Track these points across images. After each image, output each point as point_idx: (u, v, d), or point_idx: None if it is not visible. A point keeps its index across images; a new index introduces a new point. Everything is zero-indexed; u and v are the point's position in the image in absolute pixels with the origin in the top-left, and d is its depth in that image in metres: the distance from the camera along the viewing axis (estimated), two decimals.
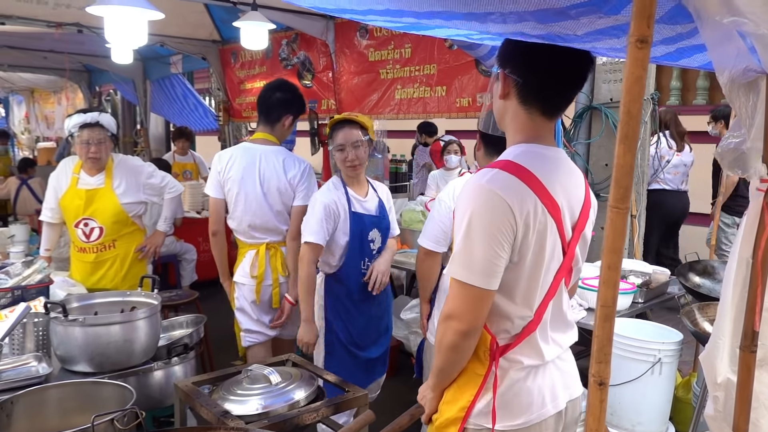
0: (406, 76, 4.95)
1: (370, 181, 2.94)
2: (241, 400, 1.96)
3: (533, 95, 1.46)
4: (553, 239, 1.44)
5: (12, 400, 1.75)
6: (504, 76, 1.49)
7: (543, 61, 1.45)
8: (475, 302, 1.39)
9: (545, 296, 1.48)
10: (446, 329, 1.43)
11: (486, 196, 1.37)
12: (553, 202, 1.42)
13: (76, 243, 3.35)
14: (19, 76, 9.99)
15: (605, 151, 4.08)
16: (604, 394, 0.79)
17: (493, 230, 1.35)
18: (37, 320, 2.32)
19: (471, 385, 1.47)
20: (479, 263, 1.37)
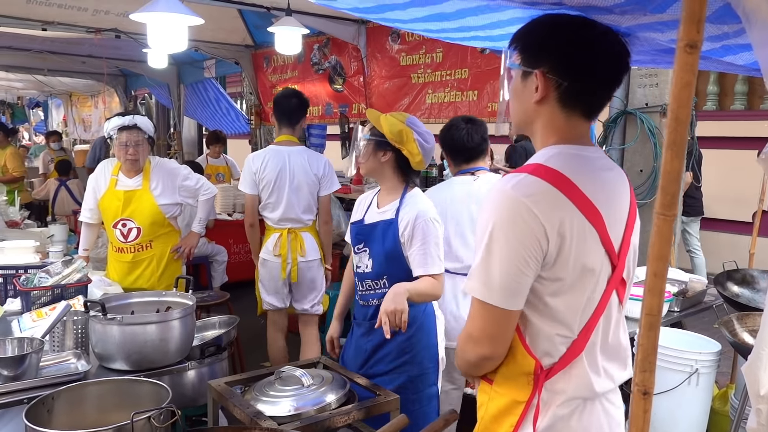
0: (437, 80, 4.95)
1: (407, 198, 2.37)
2: (273, 401, 1.98)
3: (577, 97, 1.29)
4: (596, 250, 1.28)
5: (53, 396, 1.79)
6: (543, 78, 1.28)
7: (589, 57, 1.27)
8: (496, 324, 1.27)
9: (593, 314, 1.31)
10: (468, 349, 1.33)
11: (510, 205, 1.22)
12: (593, 209, 1.27)
13: (114, 243, 3.43)
14: (59, 80, 10.28)
15: (640, 157, 4.02)
16: (648, 404, 0.77)
17: (516, 245, 1.21)
18: (77, 318, 2.37)
19: (511, 414, 1.33)
20: (500, 281, 1.23)
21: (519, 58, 1.33)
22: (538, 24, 1.33)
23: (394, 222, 2.32)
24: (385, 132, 2.29)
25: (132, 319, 2.22)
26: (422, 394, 2.37)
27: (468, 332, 1.31)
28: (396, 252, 2.31)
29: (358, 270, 2.44)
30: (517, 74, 1.35)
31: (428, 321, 2.43)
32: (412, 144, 2.29)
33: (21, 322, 2.49)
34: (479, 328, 1.29)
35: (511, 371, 1.32)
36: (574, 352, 1.29)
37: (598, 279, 1.29)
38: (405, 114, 2.38)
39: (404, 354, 2.37)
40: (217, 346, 2.48)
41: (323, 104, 6.14)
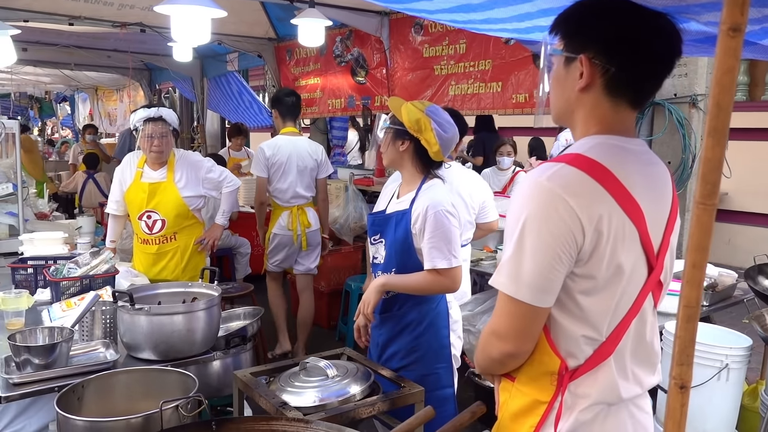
0: (460, 71, 4.90)
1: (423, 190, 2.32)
2: (298, 392, 1.99)
3: (625, 85, 1.21)
4: (634, 249, 1.21)
5: (83, 384, 1.82)
6: (588, 63, 1.19)
7: (639, 41, 1.18)
8: (524, 321, 1.21)
9: (624, 317, 1.24)
10: (491, 345, 1.28)
11: (546, 197, 1.15)
12: (634, 205, 1.19)
13: (139, 235, 3.47)
14: (85, 75, 10.42)
15: (668, 149, 3.95)
16: (685, 398, 0.75)
17: (550, 239, 1.15)
18: (105, 308, 2.41)
19: (532, 414, 1.28)
20: (530, 276, 1.17)
21: (561, 43, 1.25)
22: (582, 6, 1.24)
23: (407, 213, 2.27)
24: (404, 120, 2.25)
25: (159, 309, 2.24)
26: (433, 395, 2.28)
27: (493, 328, 1.27)
28: (406, 244, 2.27)
29: (374, 261, 2.43)
30: (559, 61, 1.27)
31: (439, 320, 2.38)
32: (430, 133, 2.23)
33: (51, 312, 2.54)
34: (506, 325, 1.24)
35: (535, 370, 1.28)
36: (601, 356, 1.24)
37: (630, 280, 1.22)
38: (427, 102, 2.33)
39: (413, 353, 2.35)
40: (242, 336, 2.50)
41: (345, 97, 6.13)
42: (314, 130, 7.59)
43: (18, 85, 12.36)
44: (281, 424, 1.47)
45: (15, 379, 2.03)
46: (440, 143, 2.26)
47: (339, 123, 7.62)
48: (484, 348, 1.32)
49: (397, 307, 2.36)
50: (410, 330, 2.33)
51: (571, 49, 1.23)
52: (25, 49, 7.15)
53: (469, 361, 3.88)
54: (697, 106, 3.87)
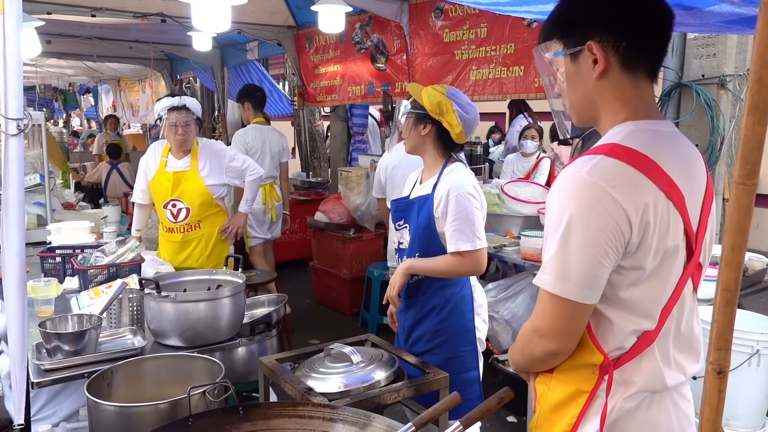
0: (481, 56, 4.84)
1: (445, 174, 2.32)
2: (323, 378, 1.99)
3: (640, 56, 1.21)
4: (678, 234, 1.19)
5: (112, 370, 1.85)
6: (599, 47, 1.19)
7: (639, 12, 1.21)
8: (569, 319, 1.20)
9: (667, 302, 1.23)
10: (533, 344, 1.27)
11: (589, 192, 1.13)
12: (676, 190, 1.17)
13: (164, 223, 3.51)
14: (107, 66, 10.53)
15: (695, 131, 3.86)
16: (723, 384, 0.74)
17: (597, 235, 1.13)
18: (132, 296, 2.44)
19: (573, 404, 1.26)
20: (577, 273, 1.15)
21: (560, 43, 1.26)
22: (563, 4, 1.27)
23: (430, 197, 2.28)
24: (425, 104, 2.26)
25: (185, 296, 2.26)
26: (458, 377, 2.31)
27: (535, 327, 1.25)
28: (429, 228, 2.28)
29: (400, 246, 2.44)
30: (565, 62, 1.26)
31: (463, 304, 2.39)
32: (452, 115, 2.24)
33: (79, 300, 2.58)
34: (550, 323, 1.22)
35: (576, 362, 1.26)
36: (645, 342, 1.22)
37: (674, 264, 1.20)
38: (447, 86, 2.34)
39: (437, 336, 2.36)
40: (267, 323, 2.51)
41: (366, 83, 6.10)
42: (334, 117, 7.57)
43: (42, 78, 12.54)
44: (307, 409, 1.47)
45: (46, 365, 2.07)
46: (462, 124, 2.27)
47: (359, 110, 7.58)
48: (524, 346, 1.30)
49: (422, 292, 2.37)
50: (435, 314, 2.35)
51: (574, 43, 1.23)
52: (49, 41, 7.24)
53: (493, 347, 3.87)
54: (725, 87, 3.78)
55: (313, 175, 8.23)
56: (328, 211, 5.49)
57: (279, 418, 1.45)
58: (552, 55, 1.28)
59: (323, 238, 5.60)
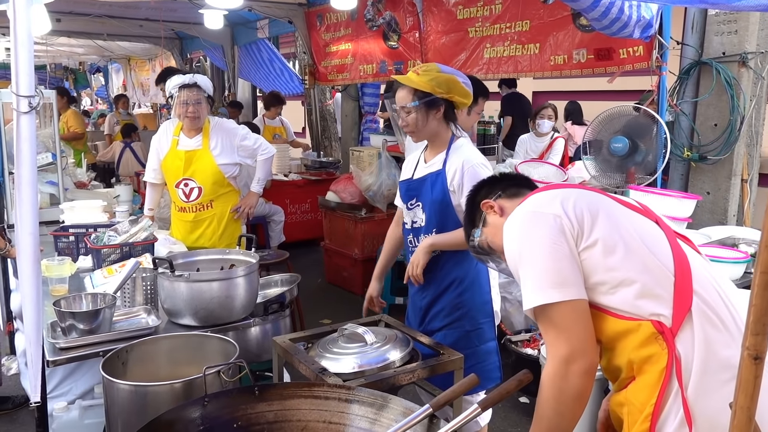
0: (495, 33, 4.75)
1: (453, 149, 2.37)
2: (337, 358, 1.98)
3: (515, 187, 1.67)
4: (611, 208, 1.39)
5: (127, 349, 1.85)
6: (490, 202, 1.65)
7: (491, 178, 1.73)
8: (574, 322, 1.28)
9: (675, 260, 1.31)
10: (566, 377, 1.27)
11: (522, 220, 1.38)
12: (580, 185, 1.49)
13: (176, 203, 3.50)
14: (118, 45, 10.48)
15: (714, 110, 3.79)
16: (759, 370, 0.71)
17: (543, 240, 1.32)
18: (145, 275, 2.44)
19: (650, 385, 1.28)
20: (547, 278, 1.30)
21: (476, 228, 1.68)
22: (467, 203, 1.75)
23: (441, 172, 2.32)
24: (431, 89, 2.26)
25: (198, 276, 2.26)
26: (478, 350, 2.39)
27: (558, 359, 1.29)
28: (445, 202, 2.32)
29: (414, 225, 2.46)
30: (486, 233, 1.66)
31: (480, 277, 2.43)
32: (459, 86, 2.29)
33: (93, 279, 2.59)
34: (566, 340, 1.28)
35: (637, 351, 1.29)
36: (683, 300, 1.27)
37: (631, 224, 1.35)
38: (430, 64, 2.36)
39: (457, 310, 2.39)
40: (280, 303, 2.51)
41: (377, 62, 6.02)
42: (345, 96, 7.51)
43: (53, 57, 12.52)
44: (323, 390, 1.46)
45: (61, 343, 2.07)
46: (468, 89, 2.33)
47: (370, 89, 7.51)
48: (559, 393, 1.29)
49: (440, 267, 2.37)
50: (453, 288, 2.38)
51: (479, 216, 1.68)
52: (59, 19, 7.19)
53: (506, 328, 3.85)
54: (747, 65, 3.69)
55: (324, 155, 8.19)
56: (339, 191, 5.46)
57: (295, 399, 1.44)
58: (477, 237, 1.66)
59: (334, 218, 5.59)
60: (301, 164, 7.54)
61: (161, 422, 1.30)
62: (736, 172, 3.82)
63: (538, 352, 3.43)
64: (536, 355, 3.43)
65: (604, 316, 1.32)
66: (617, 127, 3.66)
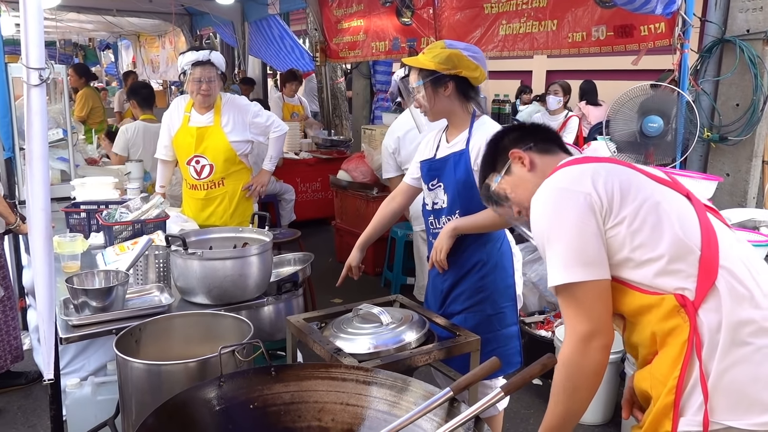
0: (512, 10, 4.65)
1: (475, 128, 2.30)
2: (352, 339, 1.95)
3: (547, 144, 1.62)
4: (636, 176, 1.38)
5: (140, 327, 1.83)
6: (519, 152, 1.58)
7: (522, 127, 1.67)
8: (595, 301, 1.30)
9: (702, 234, 1.30)
10: (586, 353, 1.31)
11: (553, 195, 1.37)
12: (615, 160, 1.43)
13: (188, 180, 3.46)
14: (127, 21, 10.38)
15: (737, 90, 3.69)
16: None
17: (571, 218, 1.31)
18: (158, 253, 2.42)
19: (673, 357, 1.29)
20: (574, 256, 1.31)
21: (496, 173, 1.63)
22: (490, 145, 1.68)
23: (465, 152, 2.26)
24: (435, 66, 2.21)
25: (212, 254, 2.23)
26: (499, 334, 2.34)
27: (578, 337, 1.31)
28: (468, 182, 2.25)
29: (435, 207, 2.39)
30: (506, 181, 1.61)
31: (504, 260, 2.38)
32: (466, 60, 2.21)
33: (105, 256, 2.57)
34: (587, 319, 1.30)
35: (660, 324, 1.30)
36: (707, 274, 1.27)
37: (661, 200, 1.33)
38: (437, 42, 2.30)
39: (479, 293, 2.34)
40: (294, 282, 2.48)
41: (390, 39, 5.92)
42: (356, 74, 7.41)
43: (63, 33, 12.44)
44: (340, 371, 1.43)
45: (74, 320, 2.06)
46: (479, 64, 2.25)
47: (383, 67, 7.40)
48: (577, 369, 1.32)
49: (462, 249, 2.32)
50: (476, 270, 2.32)
51: (504, 162, 1.62)
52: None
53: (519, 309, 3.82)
54: None
55: (335, 133, 8.12)
56: (351, 170, 5.41)
57: (311, 380, 1.42)
58: (495, 182, 1.61)
59: (346, 197, 5.55)
60: (312, 143, 7.48)
61: (177, 402, 1.27)
62: (757, 154, 3.73)
63: (552, 333, 3.40)
64: (550, 336, 3.40)
65: (628, 291, 1.33)
66: (647, 107, 3.57)
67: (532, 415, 3.27)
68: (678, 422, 1.26)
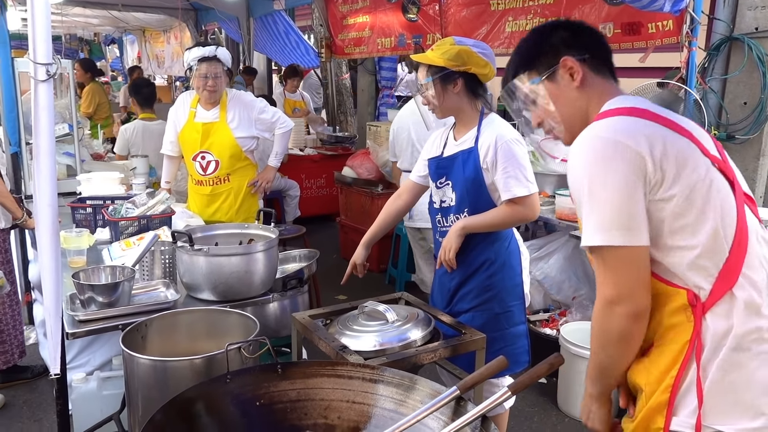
0: (518, 6, 4.62)
1: (484, 126, 2.28)
2: (357, 336, 1.96)
3: (601, 61, 1.43)
4: (701, 160, 1.26)
5: (146, 323, 1.83)
6: (572, 60, 1.39)
7: (587, 30, 1.47)
8: (630, 267, 1.22)
9: (735, 234, 1.24)
10: (610, 317, 1.26)
11: (601, 145, 1.25)
12: (681, 128, 1.29)
13: (193, 176, 3.47)
14: (133, 16, 10.39)
15: (744, 88, 3.67)
16: None
17: (618, 176, 1.21)
18: (164, 248, 2.42)
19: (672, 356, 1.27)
20: (615, 218, 1.21)
21: (535, 73, 1.43)
22: (522, 46, 1.49)
23: (473, 150, 2.25)
24: (444, 63, 2.20)
25: (218, 250, 2.23)
26: (506, 333, 2.34)
27: (605, 298, 1.26)
28: (477, 180, 2.25)
29: (443, 205, 2.38)
30: (544, 87, 1.42)
31: (512, 258, 2.37)
32: (476, 57, 2.21)
33: (111, 251, 2.57)
34: (615, 283, 1.24)
35: (666, 319, 1.27)
36: (728, 277, 1.22)
37: (711, 193, 1.24)
38: (446, 39, 2.29)
39: (487, 291, 2.33)
40: (299, 279, 2.48)
41: (396, 35, 5.90)
42: (362, 70, 7.40)
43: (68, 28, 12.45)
44: (346, 369, 1.43)
45: (80, 316, 2.06)
46: (489, 60, 2.25)
47: (388, 63, 7.40)
48: (603, 325, 1.29)
49: (471, 248, 2.32)
50: (484, 269, 2.32)
51: (547, 66, 1.41)
52: None
53: None
54: None
55: (340, 129, 8.12)
56: (356, 166, 5.41)
57: (318, 378, 1.42)
58: (531, 83, 1.43)
59: (351, 193, 5.54)
60: (316, 139, 7.48)
61: (184, 399, 1.28)
62: (764, 152, 3.71)
63: (557, 332, 3.39)
64: (555, 335, 3.39)
65: None
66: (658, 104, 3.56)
67: (536, 413, 3.26)
68: (671, 421, 1.25)
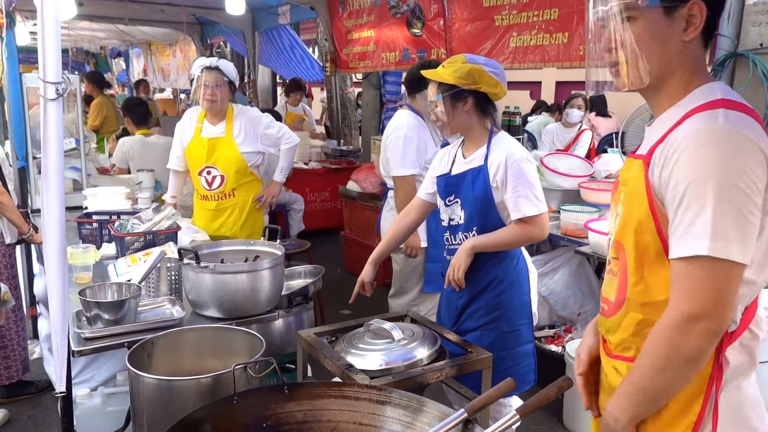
0: (522, 22, 4.65)
1: (494, 144, 2.27)
2: (363, 354, 1.95)
3: (711, 26, 1.20)
4: None
5: (152, 341, 1.83)
6: (702, 9, 1.15)
7: None
8: (727, 285, 1.08)
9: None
10: (686, 335, 1.10)
11: (735, 142, 1.06)
12: None
13: (199, 191, 3.48)
14: (139, 30, 10.46)
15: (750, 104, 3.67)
16: None
17: (748, 185, 1.05)
18: (170, 265, 2.42)
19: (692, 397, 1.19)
20: (738, 230, 1.05)
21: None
22: None
23: (483, 169, 2.24)
24: (455, 80, 2.20)
25: (224, 268, 2.23)
26: (514, 352, 2.33)
27: (681, 315, 1.10)
28: (486, 199, 2.24)
29: (452, 223, 2.38)
30: (656, 13, 1.17)
31: (520, 277, 2.37)
32: (487, 76, 2.21)
33: (117, 267, 2.58)
34: (699, 299, 1.08)
35: None
36: (753, 309, 1.18)
37: None
38: (457, 56, 2.28)
39: (494, 310, 2.32)
40: (304, 295, 2.48)
41: (400, 50, 5.93)
42: (366, 85, 7.43)
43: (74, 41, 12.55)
44: (353, 390, 1.42)
45: (87, 333, 2.06)
46: (499, 80, 2.25)
47: (392, 77, 7.42)
48: (671, 348, 1.12)
49: (478, 267, 2.31)
50: (492, 288, 2.32)
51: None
52: (82, 3, 7.16)
53: None
54: None
55: (344, 143, 8.14)
56: (360, 180, 5.42)
57: (324, 399, 1.41)
58: (648, 1, 1.17)
59: (355, 207, 5.54)
60: (321, 152, 7.50)
61: (192, 420, 1.27)
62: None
63: (562, 349, 3.37)
64: (561, 352, 3.38)
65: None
66: None
67: (542, 431, 3.24)
68: None
